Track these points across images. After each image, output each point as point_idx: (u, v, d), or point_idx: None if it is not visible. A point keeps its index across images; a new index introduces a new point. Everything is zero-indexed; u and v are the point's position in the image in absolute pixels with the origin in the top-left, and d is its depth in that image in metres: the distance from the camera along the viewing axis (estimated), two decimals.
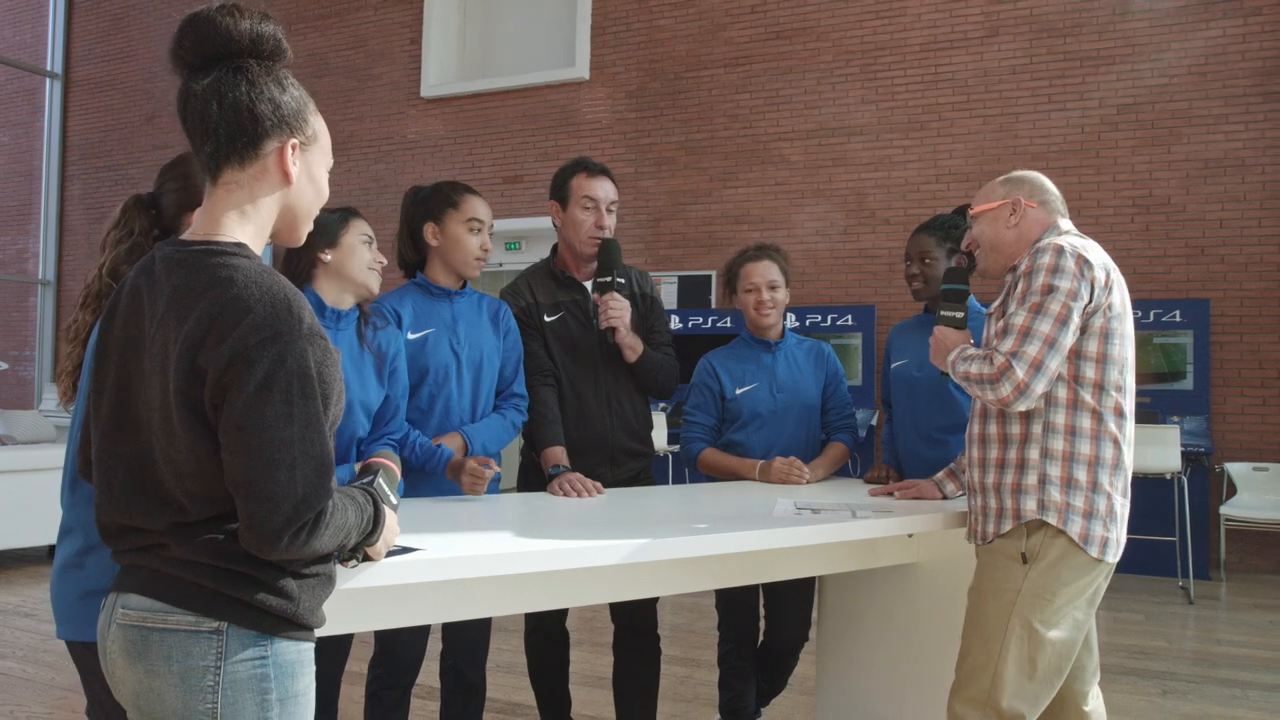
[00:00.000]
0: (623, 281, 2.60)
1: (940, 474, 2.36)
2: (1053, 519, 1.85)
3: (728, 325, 7.02)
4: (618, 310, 2.53)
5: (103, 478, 1.20)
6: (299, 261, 2.09)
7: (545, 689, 2.73)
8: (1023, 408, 1.85)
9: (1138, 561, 5.44)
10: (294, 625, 1.18)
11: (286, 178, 1.23)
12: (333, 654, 2.20)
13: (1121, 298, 1.89)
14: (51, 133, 10.48)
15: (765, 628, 2.84)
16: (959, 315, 2.13)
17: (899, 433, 2.70)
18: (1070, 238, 1.91)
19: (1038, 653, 1.84)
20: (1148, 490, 5.44)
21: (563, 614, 2.70)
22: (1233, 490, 5.78)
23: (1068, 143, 6.44)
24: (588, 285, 2.64)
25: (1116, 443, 1.88)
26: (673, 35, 7.67)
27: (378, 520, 1.29)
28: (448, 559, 1.49)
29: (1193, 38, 6.17)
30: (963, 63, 6.75)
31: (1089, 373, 1.86)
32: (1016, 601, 1.86)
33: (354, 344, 2.15)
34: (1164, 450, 5.03)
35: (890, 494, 2.37)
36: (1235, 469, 5.78)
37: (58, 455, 5.40)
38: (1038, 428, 1.89)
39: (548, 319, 2.62)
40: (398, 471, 1.49)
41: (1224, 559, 5.85)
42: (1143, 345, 5.76)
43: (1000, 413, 1.94)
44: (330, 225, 2.10)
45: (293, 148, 1.23)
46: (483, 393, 2.44)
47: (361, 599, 1.48)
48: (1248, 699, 3.53)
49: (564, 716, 2.76)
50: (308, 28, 8.99)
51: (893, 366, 2.72)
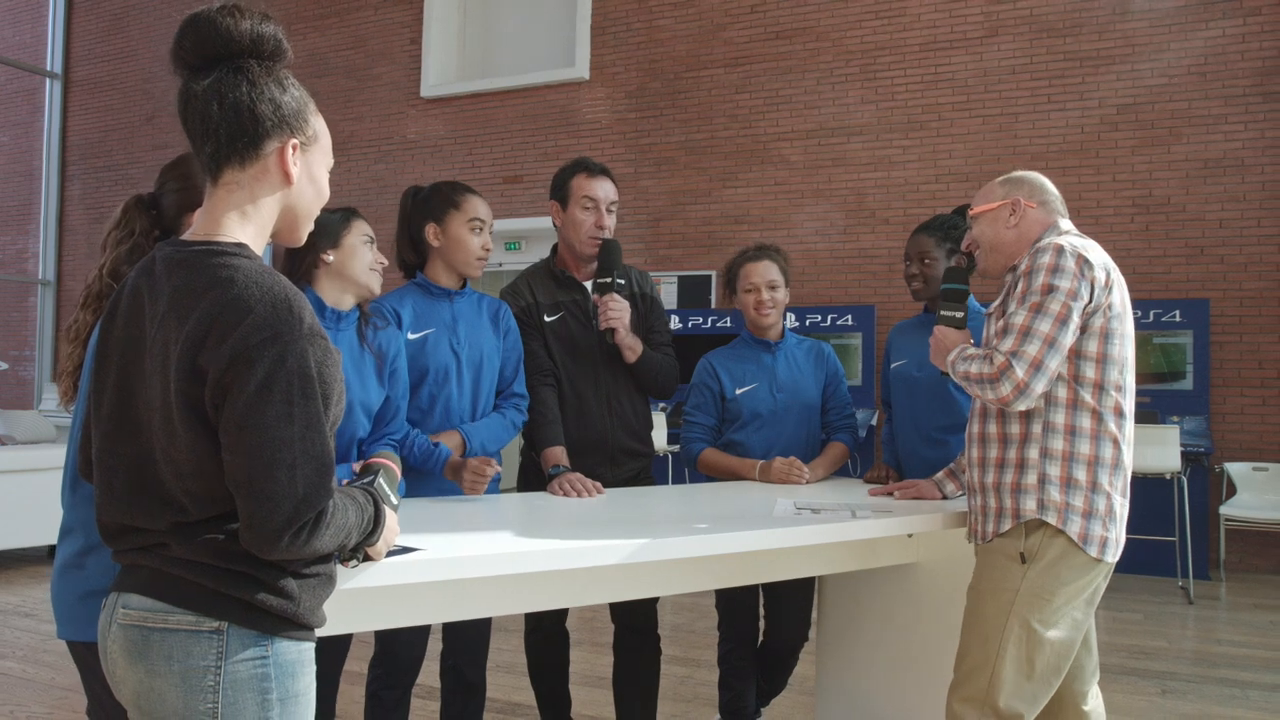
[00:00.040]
0: (622, 282, 2.60)
1: (940, 474, 2.36)
2: (1052, 519, 1.85)
3: (728, 325, 7.02)
4: (617, 311, 2.53)
5: (103, 478, 1.20)
6: (300, 262, 2.09)
7: (545, 689, 2.74)
8: (1022, 407, 1.85)
9: (1138, 561, 5.44)
10: (295, 625, 1.18)
11: (287, 178, 1.23)
12: (331, 653, 2.20)
13: (1121, 297, 1.90)
14: (51, 133, 10.48)
15: (765, 628, 2.84)
16: (959, 315, 2.13)
17: (899, 433, 2.70)
18: (1070, 237, 1.91)
19: (1036, 652, 1.85)
20: (1147, 490, 5.44)
21: (563, 614, 2.70)
22: (1232, 490, 5.78)
23: (1067, 143, 6.44)
24: (588, 285, 2.64)
25: (1116, 442, 1.88)
26: (673, 35, 7.67)
27: (378, 520, 1.29)
28: (448, 559, 1.49)
29: (1192, 38, 6.17)
30: (962, 63, 6.75)
31: (1089, 372, 1.86)
32: (1015, 601, 1.86)
33: (354, 344, 2.15)
34: (1164, 450, 5.03)
35: (890, 494, 2.38)
36: (1235, 469, 5.78)
37: (58, 455, 5.40)
38: (1037, 427, 1.89)
39: (548, 319, 2.62)
40: (398, 471, 1.49)
41: (1224, 559, 5.85)
42: (1142, 345, 5.77)
43: (1000, 412, 1.94)
44: (332, 226, 2.10)
45: (293, 148, 1.23)
46: (483, 393, 2.44)
47: (361, 599, 1.48)
48: (1248, 699, 3.54)
49: (564, 716, 2.76)
50: (308, 28, 8.99)
51: (892, 366, 2.72)
